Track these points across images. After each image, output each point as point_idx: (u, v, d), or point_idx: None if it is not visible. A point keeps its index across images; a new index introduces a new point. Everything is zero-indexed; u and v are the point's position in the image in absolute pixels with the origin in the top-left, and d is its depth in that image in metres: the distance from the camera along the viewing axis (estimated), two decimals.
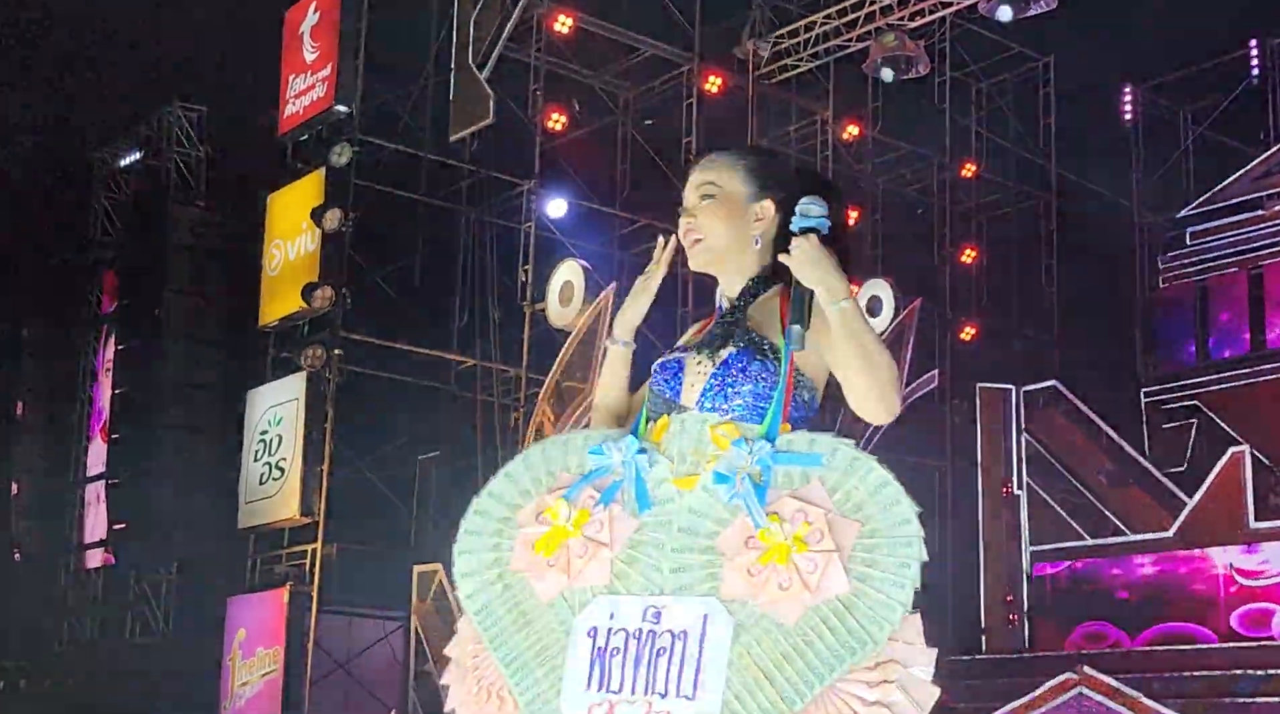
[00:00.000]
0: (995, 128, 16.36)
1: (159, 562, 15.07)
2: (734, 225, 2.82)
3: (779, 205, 2.83)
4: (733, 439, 2.60)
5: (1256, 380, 13.16)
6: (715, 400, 2.68)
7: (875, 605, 2.46)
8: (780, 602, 2.47)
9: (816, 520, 2.50)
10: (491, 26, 12.71)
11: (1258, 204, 13.72)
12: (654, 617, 2.53)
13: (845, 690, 2.45)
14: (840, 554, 2.47)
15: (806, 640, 2.45)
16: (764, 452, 2.57)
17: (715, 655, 2.47)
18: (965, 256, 15.95)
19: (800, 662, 2.45)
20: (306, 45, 13.50)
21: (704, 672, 2.47)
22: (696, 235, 2.84)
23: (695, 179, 2.87)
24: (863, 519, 2.51)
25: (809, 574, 2.47)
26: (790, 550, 2.48)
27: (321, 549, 12.40)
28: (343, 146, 12.82)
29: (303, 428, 12.55)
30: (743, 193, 2.83)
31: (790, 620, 2.46)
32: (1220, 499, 10.89)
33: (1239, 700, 9.62)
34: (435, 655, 11.33)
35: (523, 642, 2.65)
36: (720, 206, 2.82)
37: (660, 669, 2.49)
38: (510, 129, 13.27)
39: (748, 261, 2.84)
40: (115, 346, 15.78)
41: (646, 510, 2.63)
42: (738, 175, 2.84)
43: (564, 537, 2.64)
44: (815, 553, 2.48)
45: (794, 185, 2.86)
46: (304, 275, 12.92)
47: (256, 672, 12.45)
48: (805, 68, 14.30)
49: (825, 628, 2.45)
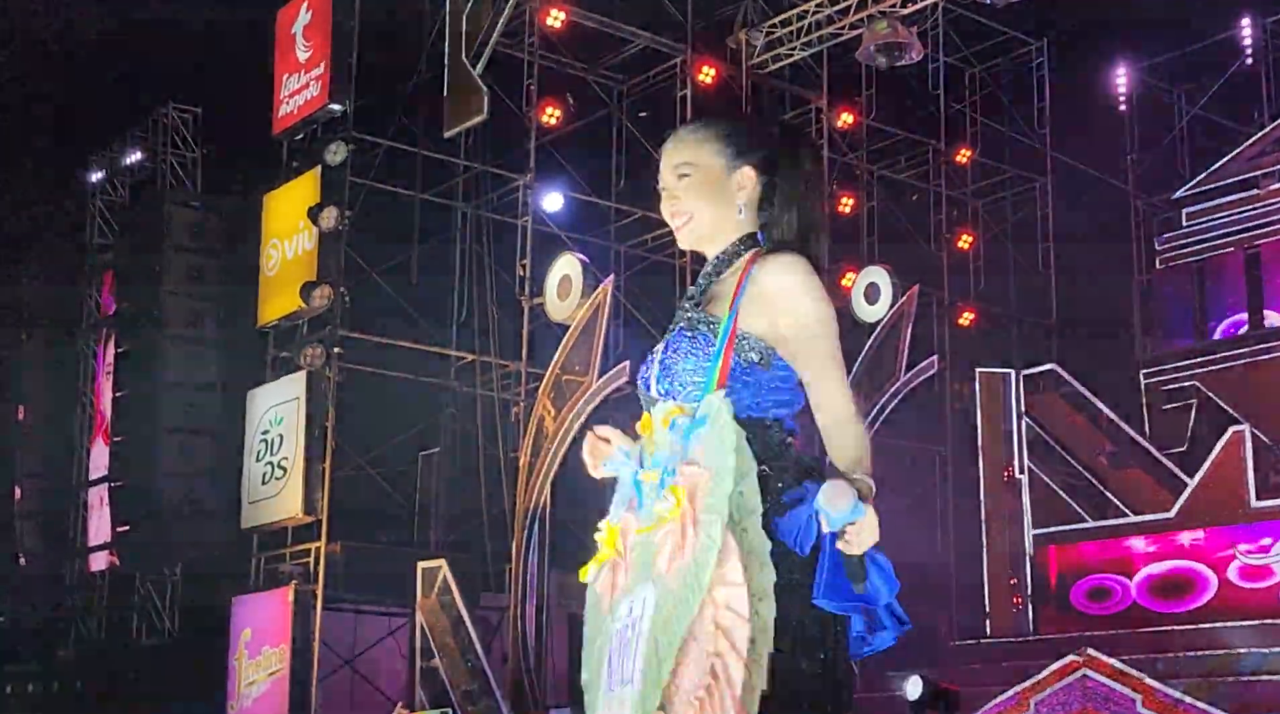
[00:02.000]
0: (989, 113, 16.36)
1: (163, 563, 15.09)
2: (717, 200, 2.81)
3: (758, 168, 2.82)
4: (670, 422, 2.67)
5: (1255, 359, 13.17)
6: (664, 384, 2.74)
7: (701, 551, 2.52)
8: (670, 569, 2.57)
9: (683, 480, 2.58)
10: (484, 22, 12.71)
11: (1253, 184, 13.74)
12: (629, 610, 2.65)
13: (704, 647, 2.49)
14: (693, 508, 2.55)
15: (676, 601, 2.53)
16: (683, 427, 2.63)
17: (644, 635, 2.57)
18: (962, 242, 15.97)
19: (673, 624, 2.52)
20: (299, 45, 13.50)
21: (637, 653, 2.58)
22: (683, 218, 2.83)
23: (669, 159, 2.84)
24: (711, 465, 2.56)
25: (679, 536, 2.56)
26: (665, 518, 2.59)
27: (325, 547, 12.42)
28: (338, 145, 12.83)
29: (304, 427, 12.57)
30: (720, 165, 2.81)
31: (675, 585, 2.55)
32: (1221, 479, 10.92)
33: (1242, 679, 9.64)
34: (440, 650, 11.35)
35: (591, 658, 2.78)
36: (701, 184, 2.81)
37: (625, 659, 2.62)
38: (505, 124, 13.28)
39: (732, 232, 2.83)
40: (115, 349, 15.79)
41: (641, 509, 2.72)
42: (711, 148, 2.82)
43: (605, 558, 2.77)
44: (685, 515, 2.56)
45: (768, 142, 2.86)
46: (302, 274, 12.93)
47: (263, 671, 12.48)
48: (798, 57, 14.31)
49: (684, 586, 2.52)
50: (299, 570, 12.57)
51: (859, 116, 15.22)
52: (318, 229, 12.73)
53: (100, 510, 15.82)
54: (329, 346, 12.61)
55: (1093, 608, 11.55)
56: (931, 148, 15.86)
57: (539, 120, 13.34)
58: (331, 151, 12.82)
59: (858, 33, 13.49)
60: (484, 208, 13.94)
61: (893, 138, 15.84)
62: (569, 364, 11.51)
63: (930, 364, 13.21)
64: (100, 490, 15.86)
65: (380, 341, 13.17)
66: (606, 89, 14.71)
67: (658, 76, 14.39)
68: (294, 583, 12.40)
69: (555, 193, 13.58)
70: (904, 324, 12.87)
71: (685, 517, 2.55)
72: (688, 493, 2.57)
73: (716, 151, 2.82)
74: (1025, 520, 11.75)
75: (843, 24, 13.69)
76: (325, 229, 12.66)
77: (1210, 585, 10.93)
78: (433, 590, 11.57)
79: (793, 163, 2.85)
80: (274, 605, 12.57)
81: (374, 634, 12.86)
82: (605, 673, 2.68)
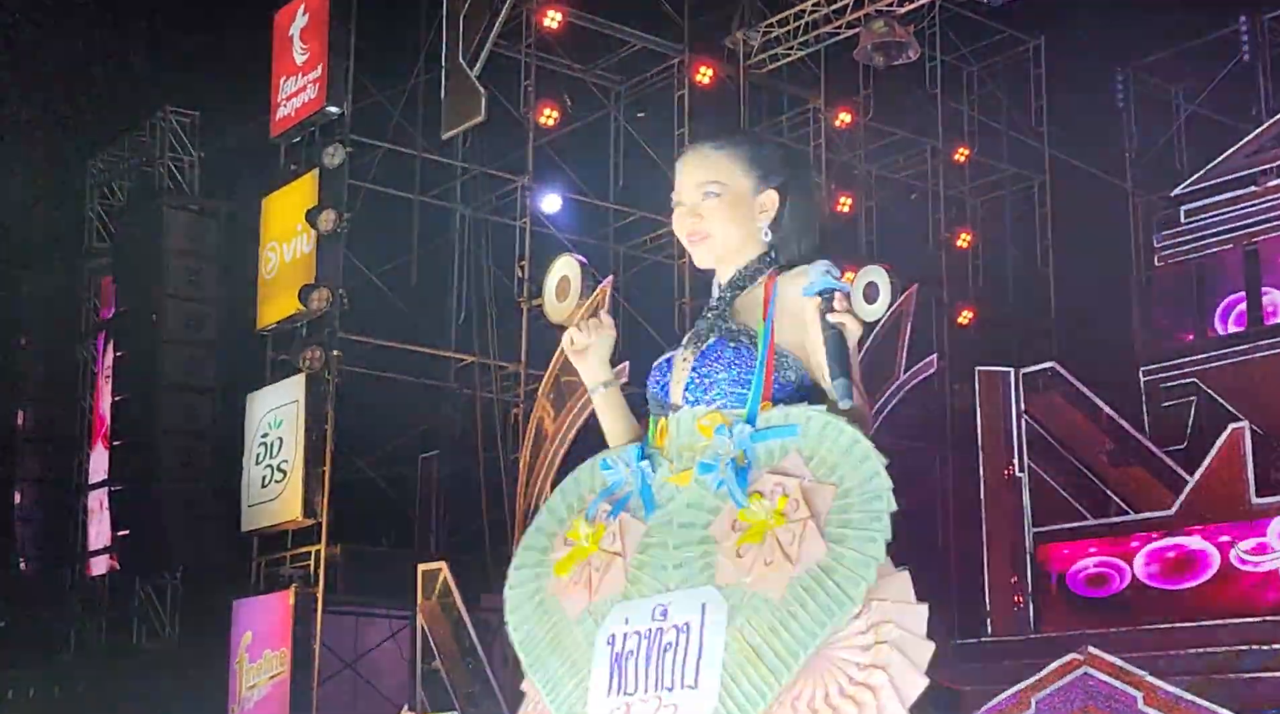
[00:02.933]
0: (987, 111, 16.36)
1: (163, 567, 15.08)
2: (741, 222, 2.81)
3: (780, 192, 2.83)
4: (715, 427, 2.63)
5: (1254, 356, 13.16)
6: (696, 392, 2.72)
7: (851, 564, 2.46)
8: (766, 577, 2.49)
9: (792, 491, 2.52)
10: (481, 24, 12.70)
11: (1251, 180, 13.72)
12: (661, 614, 2.57)
13: (838, 657, 2.46)
14: (817, 519, 2.49)
15: (790, 612, 2.47)
16: (744, 433, 2.60)
17: (713, 641, 2.50)
18: (961, 241, 15.96)
19: (786, 633, 2.46)
20: (296, 47, 13.49)
21: (704, 659, 2.50)
22: (704, 235, 2.81)
23: (694, 176, 2.82)
24: (837, 480, 2.52)
25: (789, 545, 2.49)
26: (769, 526, 2.51)
27: (325, 550, 12.42)
28: (335, 147, 12.82)
29: (303, 430, 12.56)
30: (748, 186, 2.81)
31: (777, 595, 2.48)
32: (1221, 476, 10.90)
33: (1245, 676, 9.64)
34: (441, 652, 11.35)
35: (555, 661, 2.70)
36: (728, 207, 2.80)
37: (667, 664, 2.53)
38: (503, 126, 13.28)
39: (750, 251, 2.84)
40: (114, 353, 15.78)
41: (652, 513, 2.67)
42: (738, 168, 2.81)
43: (584, 555, 2.70)
44: (793, 523, 2.50)
45: (787, 167, 2.88)
46: (300, 277, 12.92)
47: (264, 674, 12.47)
48: (796, 56, 14.30)
49: (807, 596, 2.46)
50: (299, 573, 12.56)
51: (856, 116, 15.21)
52: (316, 232, 12.73)
53: (100, 514, 15.81)
54: (328, 349, 12.60)
55: (1091, 592, 11.55)
56: (929, 147, 15.86)
57: (537, 121, 13.34)
58: (329, 154, 12.81)
59: (855, 32, 13.49)
60: (482, 209, 13.94)
61: (890, 137, 15.84)
62: (568, 365, 11.47)
63: (929, 363, 13.20)
64: (100, 494, 15.85)
65: (379, 344, 13.17)
66: (604, 89, 14.71)
67: (655, 77, 14.40)
68: (294, 586, 12.39)
69: (553, 194, 13.57)
70: (903, 323, 12.85)
71: (806, 527, 2.48)
72: (804, 500, 2.50)
73: (744, 172, 2.82)
74: (1025, 519, 11.73)
75: (840, 23, 13.69)
76: (323, 231, 12.66)
77: (1212, 563, 10.91)
78: (433, 593, 11.57)
79: (804, 187, 2.88)
80: (275, 608, 12.56)
81: (375, 637, 12.86)
82: (607, 676, 2.60)
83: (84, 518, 16.34)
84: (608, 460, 2.77)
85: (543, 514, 2.87)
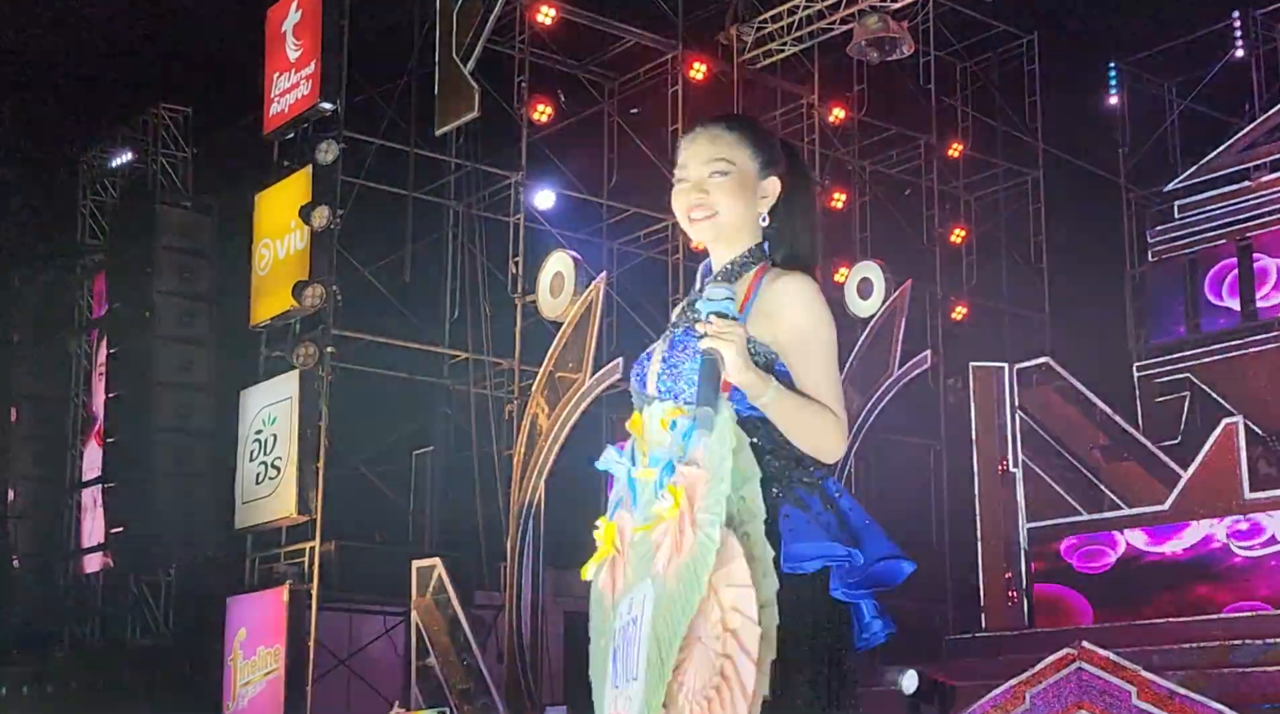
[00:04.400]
0: (981, 107, 16.36)
1: (157, 564, 15.06)
2: (745, 203, 2.84)
3: (782, 182, 2.88)
4: (670, 422, 2.68)
5: (1247, 351, 13.20)
6: (666, 382, 2.75)
7: (700, 551, 2.53)
8: (668, 567, 2.59)
9: (682, 481, 2.61)
10: (474, 19, 12.69)
11: (1244, 176, 13.75)
12: (628, 607, 2.68)
13: (710, 648, 2.52)
14: (691, 508, 2.57)
15: (674, 599, 2.56)
16: (683, 428, 2.65)
17: (646, 632, 2.60)
18: (954, 236, 15.98)
19: (672, 622, 2.55)
20: (289, 43, 13.46)
21: (641, 650, 2.60)
22: (709, 211, 2.83)
23: (704, 153, 2.84)
24: (710, 466, 2.58)
25: (677, 536, 2.58)
26: (663, 517, 2.61)
27: (319, 547, 12.41)
28: (329, 143, 12.80)
29: (297, 426, 12.55)
30: (754, 169, 2.85)
31: (673, 584, 2.57)
32: (1214, 471, 10.92)
33: (1238, 670, 9.66)
34: (436, 649, 11.34)
35: (596, 659, 2.81)
36: (736, 185, 2.83)
37: (630, 656, 2.64)
38: (496, 122, 13.26)
39: (744, 239, 2.86)
40: (107, 350, 15.75)
41: (635, 508, 2.74)
42: (747, 150, 2.85)
43: (605, 555, 2.80)
44: (683, 515, 2.58)
45: (786, 158, 2.93)
46: (294, 273, 12.90)
47: (258, 671, 12.46)
48: (789, 52, 14.30)
49: (682, 585, 2.55)
50: (293, 570, 12.55)
51: (850, 111, 15.21)
52: (309, 228, 12.70)
53: (94, 512, 15.79)
54: (321, 346, 12.59)
55: (1086, 566, 11.58)
56: (923, 142, 15.86)
57: (530, 118, 13.33)
58: (322, 150, 12.79)
59: (849, 28, 13.49)
60: (476, 205, 13.93)
61: (884, 132, 15.84)
62: (562, 361, 11.49)
63: (924, 359, 13.22)
64: (93, 492, 15.83)
65: (373, 340, 13.16)
66: (598, 86, 14.70)
67: (649, 73, 14.39)
68: (289, 583, 12.38)
69: (547, 190, 13.56)
70: (897, 319, 12.87)
71: (683, 517, 2.56)
72: (686, 493, 2.58)
73: (752, 155, 2.86)
74: (1019, 514, 11.75)
75: (834, 19, 13.69)
76: (317, 228, 12.64)
77: (1209, 536, 10.93)
78: (428, 589, 11.56)
79: (804, 183, 2.93)
80: (269, 605, 12.55)
81: (369, 633, 12.85)
82: (611, 670, 2.71)
83: (77, 515, 16.31)
84: (603, 462, 2.84)
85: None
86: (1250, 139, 13.86)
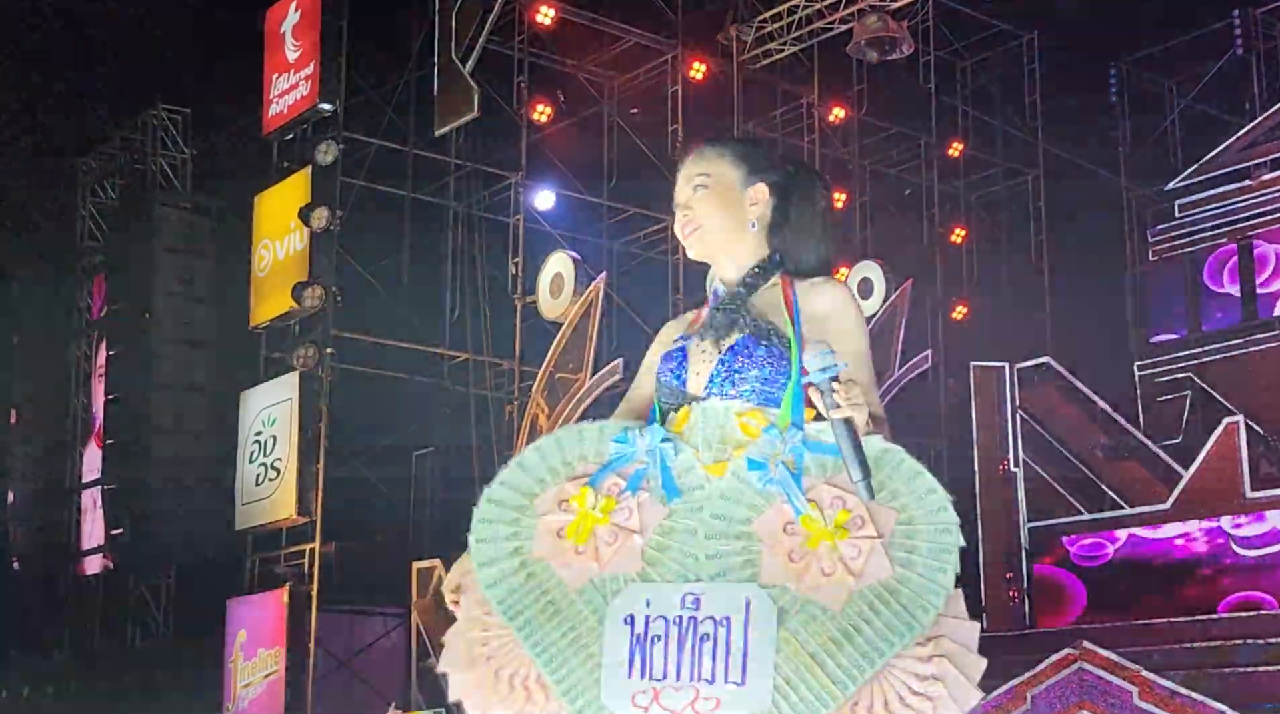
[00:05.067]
0: (981, 106, 16.35)
1: (157, 566, 15.05)
2: (729, 212, 2.85)
3: (772, 189, 2.87)
4: (763, 426, 2.63)
5: (1249, 350, 13.17)
6: (723, 386, 2.71)
7: (918, 589, 2.51)
8: (824, 587, 2.51)
9: (855, 508, 2.55)
10: (473, 20, 12.68)
11: (1245, 174, 13.72)
12: (693, 603, 2.55)
13: (898, 667, 2.50)
14: (881, 540, 2.53)
15: (854, 625, 2.49)
16: (797, 439, 2.61)
17: (762, 640, 2.50)
18: (955, 236, 15.96)
19: (850, 646, 2.48)
20: (288, 44, 13.46)
21: (751, 657, 2.49)
22: (694, 225, 2.86)
23: (686, 172, 2.89)
24: (898, 507, 2.55)
25: (852, 560, 2.52)
26: (829, 536, 2.54)
27: (319, 548, 12.39)
28: (328, 144, 12.79)
29: (297, 427, 12.54)
30: (734, 177, 2.86)
31: (836, 605, 2.50)
32: (1216, 470, 10.90)
33: (1240, 670, 9.64)
34: (436, 650, 11.31)
35: (554, 630, 2.61)
36: (714, 195, 2.85)
37: (705, 655, 2.51)
38: (496, 122, 13.26)
39: (744, 247, 2.86)
40: (107, 351, 15.74)
41: (675, 498, 2.65)
42: (726, 161, 2.87)
43: (593, 524, 2.65)
44: (858, 539, 2.53)
45: (783, 169, 2.92)
46: (293, 274, 12.89)
47: (259, 673, 12.45)
48: (789, 52, 14.29)
49: (872, 612, 2.49)
50: (294, 572, 12.54)
51: (850, 111, 15.20)
52: (309, 229, 12.70)
53: (94, 513, 15.78)
54: (321, 347, 12.58)
55: (1087, 561, 11.57)
56: (923, 142, 15.84)
57: (530, 118, 13.31)
58: (322, 151, 12.78)
59: (848, 27, 13.47)
60: (475, 206, 13.92)
61: (884, 132, 15.82)
62: (562, 362, 11.48)
63: (924, 359, 13.20)
64: (93, 493, 15.82)
65: (373, 341, 13.14)
66: (597, 86, 14.68)
67: (648, 73, 14.37)
68: (289, 584, 12.37)
69: (546, 190, 13.55)
70: (898, 319, 12.85)
71: (872, 545, 2.53)
72: (868, 518, 2.54)
73: (732, 165, 2.87)
74: (1020, 514, 11.73)
75: (833, 18, 13.68)
76: (316, 229, 12.63)
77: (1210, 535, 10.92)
78: (428, 590, 11.55)
79: (808, 192, 2.91)
80: (269, 607, 12.54)
81: (370, 635, 12.84)
82: (629, 658, 2.54)
83: (77, 517, 16.30)
84: (627, 435, 2.71)
85: (513, 470, 2.80)
86: (1251, 137, 13.83)
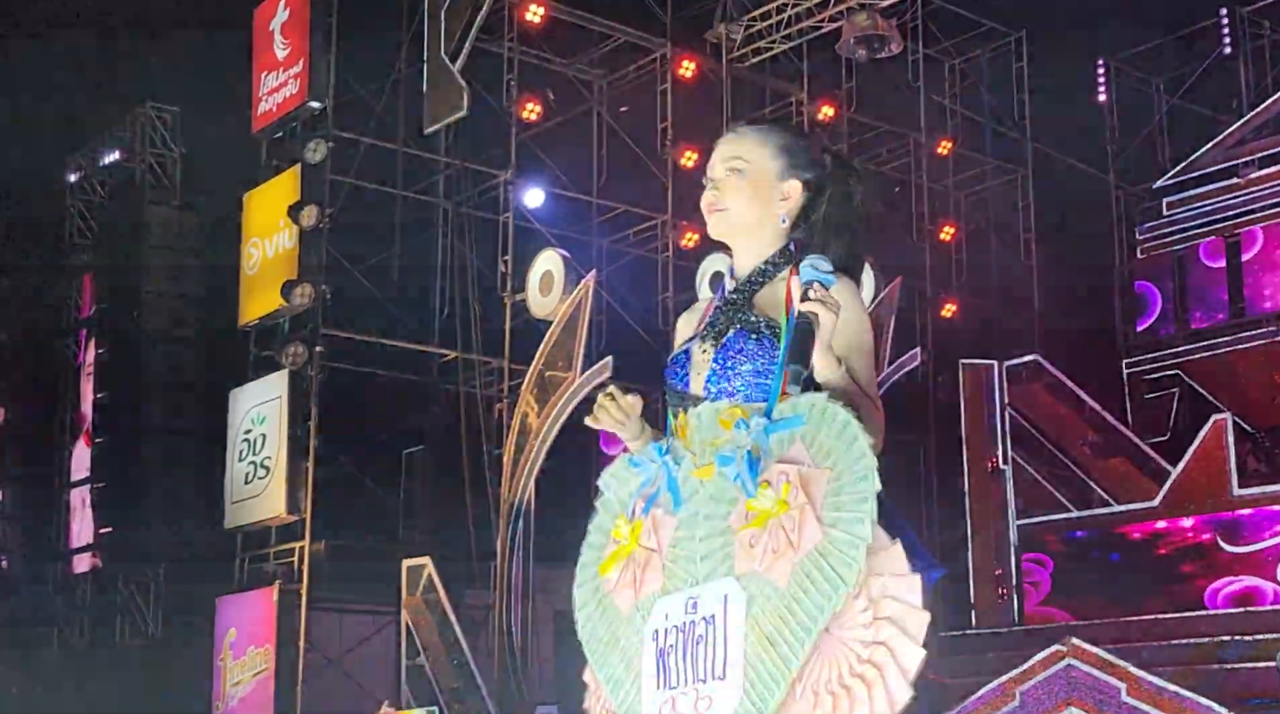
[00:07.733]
0: (970, 104, 16.38)
1: (147, 564, 15.03)
2: (760, 202, 2.86)
3: (805, 186, 2.88)
4: (735, 421, 2.67)
5: (1236, 348, 13.21)
6: (719, 383, 2.75)
7: (843, 546, 2.52)
8: (774, 566, 2.56)
9: (793, 478, 2.58)
10: (463, 18, 12.67)
11: (1233, 172, 13.76)
12: (692, 607, 2.65)
13: (845, 637, 2.53)
14: (813, 504, 2.55)
15: (795, 597, 2.54)
16: (759, 426, 2.64)
17: (735, 632, 2.57)
18: (944, 234, 15.98)
19: (793, 620, 2.53)
20: (277, 42, 13.45)
21: (729, 649, 2.57)
22: (720, 207, 2.87)
23: (723, 150, 2.90)
24: (831, 464, 2.57)
25: (791, 532, 2.55)
26: (772, 514, 2.57)
27: (309, 546, 12.39)
28: (317, 143, 12.78)
29: (286, 426, 12.53)
30: (771, 169, 2.87)
31: (783, 582, 2.55)
32: (1204, 467, 10.93)
33: (1226, 667, 9.67)
34: (426, 648, 11.33)
35: (615, 658, 2.77)
36: (747, 182, 2.86)
37: (700, 656, 2.61)
38: (485, 120, 13.25)
39: (767, 239, 2.88)
40: (96, 350, 15.72)
41: (680, 508, 2.73)
42: (767, 152, 2.88)
43: (626, 552, 2.77)
44: (794, 510, 2.56)
45: (821, 167, 2.92)
46: (283, 273, 12.88)
47: (248, 671, 12.44)
48: (778, 50, 14.30)
49: (809, 581, 2.53)
50: (283, 570, 12.53)
51: (839, 109, 15.22)
52: (298, 227, 12.69)
53: (83, 512, 15.76)
54: (310, 345, 12.57)
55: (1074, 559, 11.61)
56: (912, 139, 15.87)
57: (519, 116, 13.31)
58: (311, 149, 12.77)
59: (837, 25, 13.49)
60: (465, 204, 13.91)
61: (874, 130, 15.84)
62: (552, 360, 11.48)
63: (913, 356, 13.21)
64: (82, 492, 15.80)
65: (362, 339, 13.13)
66: (586, 84, 14.68)
67: (638, 71, 14.38)
68: (278, 582, 12.36)
69: (536, 188, 13.55)
70: (887, 317, 12.87)
71: (803, 513, 2.54)
72: (801, 489, 2.56)
73: (772, 156, 2.88)
74: (1009, 511, 11.76)
75: (822, 17, 13.69)
76: (306, 227, 12.62)
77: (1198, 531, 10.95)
78: (418, 588, 11.55)
79: (845, 194, 2.93)
80: (259, 605, 12.53)
81: (359, 633, 12.83)
82: (658, 670, 2.66)
83: (66, 515, 16.28)
84: (636, 458, 2.83)
85: (599, 513, 2.93)
86: (1239, 135, 13.88)
